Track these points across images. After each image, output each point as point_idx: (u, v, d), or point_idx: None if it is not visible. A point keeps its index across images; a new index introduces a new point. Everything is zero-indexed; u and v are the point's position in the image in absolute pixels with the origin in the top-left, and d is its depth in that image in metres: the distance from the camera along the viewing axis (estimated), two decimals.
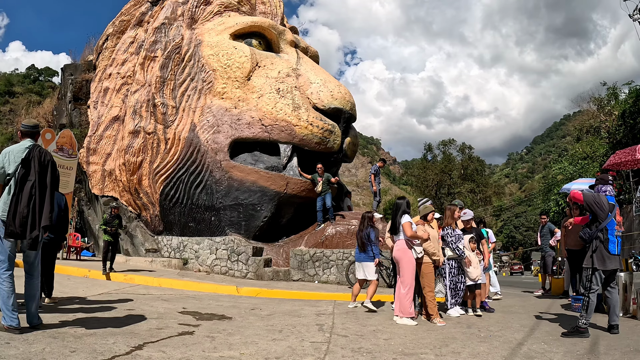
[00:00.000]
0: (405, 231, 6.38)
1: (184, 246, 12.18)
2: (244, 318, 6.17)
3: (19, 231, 4.27)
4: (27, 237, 4.31)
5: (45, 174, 4.51)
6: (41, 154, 4.54)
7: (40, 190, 4.43)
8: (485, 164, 54.90)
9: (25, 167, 4.40)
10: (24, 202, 4.31)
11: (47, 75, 55.53)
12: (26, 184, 4.36)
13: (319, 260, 11.15)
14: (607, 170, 9.81)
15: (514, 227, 63.78)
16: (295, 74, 12.31)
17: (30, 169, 4.42)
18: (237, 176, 11.70)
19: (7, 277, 4.31)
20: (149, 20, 13.95)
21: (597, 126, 32.69)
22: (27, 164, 4.42)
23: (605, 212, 5.52)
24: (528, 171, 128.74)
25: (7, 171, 4.39)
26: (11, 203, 4.29)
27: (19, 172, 4.37)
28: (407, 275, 6.39)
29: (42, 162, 4.51)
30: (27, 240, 4.36)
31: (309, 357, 4.11)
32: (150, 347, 4.13)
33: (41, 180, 4.46)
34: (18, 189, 4.33)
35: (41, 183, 4.45)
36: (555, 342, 5.05)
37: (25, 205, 4.30)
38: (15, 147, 4.56)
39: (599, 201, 5.59)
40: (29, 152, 4.47)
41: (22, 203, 4.30)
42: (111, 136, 13.37)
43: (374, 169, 13.30)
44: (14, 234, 4.28)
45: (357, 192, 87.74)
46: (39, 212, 4.38)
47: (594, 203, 5.60)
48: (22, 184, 4.35)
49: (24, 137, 4.68)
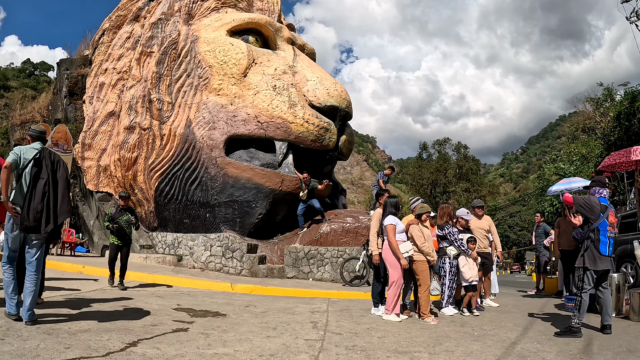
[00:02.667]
0: (388, 234, 6.42)
1: (179, 243, 12.15)
2: (239, 315, 6.17)
3: (33, 225, 4.53)
4: (42, 231, 4.58)
5: (57, 173, 4.79)
6: (51, 155, 4.85)
7: (54, 187, 4.72)
8: (480, 164, 55.10)
9: (38, 166, 4.68)
10: (37, 198, 4.58)
11: (42, 70, 55.14)
12: (39, 182, 4.64)
13: (314, 257, 11.16)
14: (602, 171, 9.86)
15: (508, 227, 63.87)
16: (291, 71, 12.30)
17: (42, 168, 4.70)
18: (233, 173, 11.68)
19: (8, 267, 4.60)
20: (145, 16, 13.89)
21: (592, 126, 32.82)
22: (39, 163, 4.71)
23: (597, 213, 5.55)
24: (523, 171, 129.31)
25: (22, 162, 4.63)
26: (25, 199, 4.55)
27: (32, 171, 4.63)
28: (391, 274, 6.47)
29: (53, 162, 4.79)
30: (42, 234, 4.60)
31: (303, 354, 4.12)
32: (145, 343, 4.13)
33: (54, 178, 4.74)
34: (31, 187, 4.60)
35: (54, 181, 4.73)
36: (548, 341, 5.08)
37: (39, 201, 4.58)
38: (25, 146, 4.82)
39: (589, 203, 5.62)
40: (40, 153, 4.76)
41: (35, 199, 4.57)
42: (106, 132, 13.32)
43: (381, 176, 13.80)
44: (29, 228, 4.53)
45: (352, 190, 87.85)
46: (53, 207, 4.66)
47: (584, 205, 5.65)
48: (35, 182, 4.63)
49: (33, 140, 4.92)
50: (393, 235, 6.41)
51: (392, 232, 6.41)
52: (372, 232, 7.06)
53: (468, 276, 7.20)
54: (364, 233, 11.16)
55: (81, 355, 3.56)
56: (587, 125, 34.23)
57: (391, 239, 6.39)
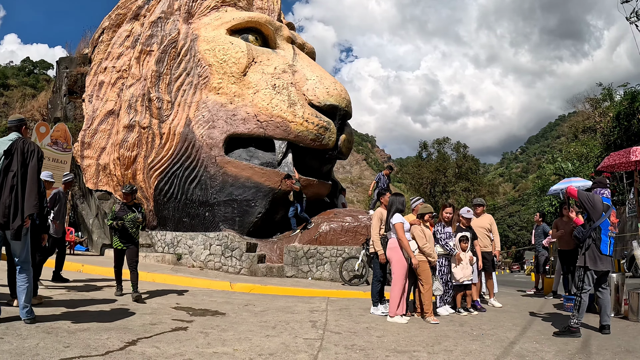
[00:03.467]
0: (398, 232, 6.40)
1: (178, 241, 12.14)
2: (238, 314, 6.17)
3: (2, 222, 4.30)
4: (10, 227, 4.34)
5: (27, 165, 4.49)
6: (25, 145, 4.55)
7: (22, 180, 4.44)
8: (479, 163, 55.05)
9: (8, 159, 4.43)
10: (6, 192, 4.34)
11: (42, 68, 55.03)
12: (8, 175, 4.39)
13: (313, 256, 11.16)
14: (601, 171, 9.87)
15: (507, 226, 63.88)
16: (291, 70, 12.29)
17: (13, 160, 4.44)
18: (232, 172, 11.68)
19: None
20: (145, 14, 13.86)
21: (591, 126, 32.83)
22: (10, 155, 4.45)
23: (599, 211, 5.56)
24: (522, 171, 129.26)
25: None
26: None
27: (2, 164, 4.40)
28: (396, 275, 6.45)
29: (24, 153, 4.50)
30: (10, 231, 4.37)
31: (302, 353, 4.12)
32: (144, 342, 4.13)
33: (24, 171, 4.46)
34: (2, 180, 4.36)
35: (23, 173, 4.45)
36: (547, 341, 5.09)
37: (7, 195, 4.33)
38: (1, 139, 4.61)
39: (592, 200, 5.63)
40: (13, 145, 4.50)
41: (4, 193, 4.33)
42: (106, 130, 13.30)
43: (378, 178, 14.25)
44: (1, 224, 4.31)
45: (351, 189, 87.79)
46: (21, 201, 4.39)
47: (587, 200, 5.65)
48: (4, 175, 4.39)
49: (9, 131, 4.72)
50: (403, 232, 6.37)
51: (401, 229, 6.38)
52: (374, 232, 7.01)
53: (459, 276, 7.18)
54: (363, 232, 11.17)
55: (80, 354, 3.56)
56: (586, 125, 34.25)
57: (401, 237, 6.35)
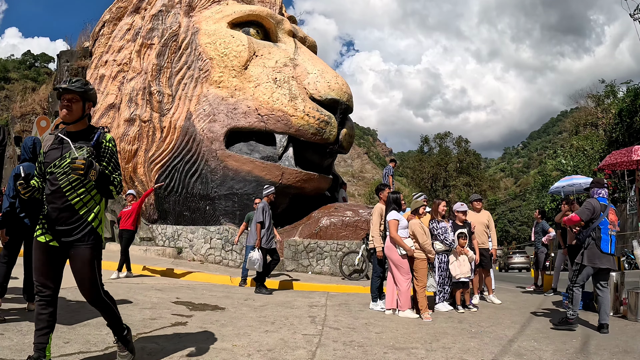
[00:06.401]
0: (390, 229, 6.43)
1: (179, 235, 12.17)
2: (237, 309, 6.19)
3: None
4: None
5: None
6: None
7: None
8: (481, 158, 54.92)
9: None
10: None
11: (43, 62, 55.01)
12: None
13: (313, 251, 11.18)
14: (602, 169, 9.85)
15: (508, 222, 63.95)
16: (292, 63, 12.25)
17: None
18: (233, 166, 11.68)
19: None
20: (146, 7, 13.80)
21: (594, 122, 32.75)
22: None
23: (598, 213, 5.69)
24: (524, 166, 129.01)
25: None
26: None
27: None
28: (398, 275, 6.48)
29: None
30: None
31: (301, 349, 4.13)
32: (144, 338, 4.15)
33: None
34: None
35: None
36: (545, 339, 5.09)
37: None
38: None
39: (590, 207, 5.73)
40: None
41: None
42: (106, 124, 13.28)
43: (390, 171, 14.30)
44: None
45: (352, 183, 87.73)
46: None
47: (588, 211, 5.73)
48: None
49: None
50: (395, 229, 6.42)
51: (394, 227, 6.43)
52: (374, 228, 7.02)
53: (455, 273, 7.16)
54: (364, 227, 11.17)
55: (80, 350, 3.58)
56: (588, 121, 34.15)
57: (393, 234, 6.40)
